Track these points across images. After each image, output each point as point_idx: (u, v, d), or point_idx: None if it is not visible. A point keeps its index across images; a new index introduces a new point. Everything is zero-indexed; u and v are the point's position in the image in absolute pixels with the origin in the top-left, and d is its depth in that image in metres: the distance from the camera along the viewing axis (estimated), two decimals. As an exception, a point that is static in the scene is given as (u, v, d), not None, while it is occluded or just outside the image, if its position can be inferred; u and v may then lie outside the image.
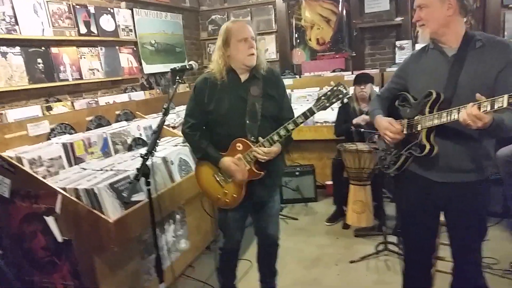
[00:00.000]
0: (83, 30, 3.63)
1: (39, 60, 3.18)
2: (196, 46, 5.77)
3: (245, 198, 2.12)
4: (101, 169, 2.46)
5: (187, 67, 2.16)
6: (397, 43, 4.93)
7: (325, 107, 1.96)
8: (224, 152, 2.09)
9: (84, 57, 3.63)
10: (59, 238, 2.15)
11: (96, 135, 2.82)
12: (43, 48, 3.23)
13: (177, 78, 2.09)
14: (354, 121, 3.54)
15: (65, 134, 2.81)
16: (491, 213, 3.30)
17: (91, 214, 2.07)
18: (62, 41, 3.43)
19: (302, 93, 4.84)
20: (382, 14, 5.02)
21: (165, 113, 2.02)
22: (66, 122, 2.87)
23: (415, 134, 1.77)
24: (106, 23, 3.93)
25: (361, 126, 3.43)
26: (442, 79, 1.71)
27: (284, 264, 2.96)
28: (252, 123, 2.06)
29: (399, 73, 1.98)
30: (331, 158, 3.89)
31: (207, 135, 2.16)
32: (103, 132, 2.89)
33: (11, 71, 2.96)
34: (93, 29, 3.75)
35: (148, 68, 4.59)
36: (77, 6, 3.57)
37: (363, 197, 3.36)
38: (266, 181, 2.13)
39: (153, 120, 3.43)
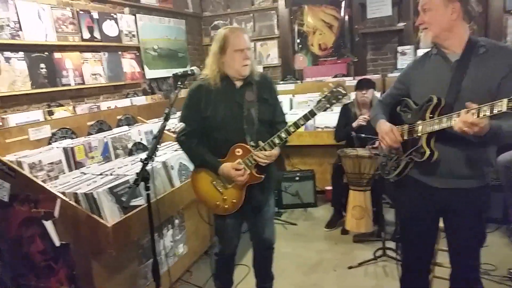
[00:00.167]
0: (86, 36, 3.67)
1: (42, 65, 3.23)
2: (199, 52, 5.80)
3: (244, 203, 2.14)
4: (101, 174, 2.48)
5: (189, 73, 2.15)
6: (399, 49, 4.93)
7: (326, 108, 1.98)
8: (222, 158, 2.11)
9: (87, 62, 3.67)
10: (57, 243, 2.16)
11: (97, 140, 2.84)
12: (46, 53, 3.27)
13: (179, 83, 2.09)
14: (355, 124, 3.54)
15: (66, 139, 2.83)
16: (490, 219, 3.30)
17: (90, 218, 2.09)
18: (65, 46, 3.48)
19: (304, 99, 4.83)
20: (384, 20, 5.03)
21: (166, 118, 2.03)
22: (67, 127, 2.90)
23: (416, 140, 1.76)
24: (109, 29, 3.97)
25: (362, 128, 3.42)
26: (444, 85, 1.70)
27: (283, 269, 2.97)
28: (250, 128, 2.08)
29: (401, 79, 1.98)
30: (331, 163, 3.89)
31: (204, 142, 2.16)
32: (104, 137, 2.91)
33: (14, 76, 3.00)
34: (96, 35, 3.79)
35: (151, 73, 4.63)
36: (81, 12, 3.62)
37: (363, 203, 3.36)
38: (265, 185, 2.15)
39: (154, 125, 3.45)
